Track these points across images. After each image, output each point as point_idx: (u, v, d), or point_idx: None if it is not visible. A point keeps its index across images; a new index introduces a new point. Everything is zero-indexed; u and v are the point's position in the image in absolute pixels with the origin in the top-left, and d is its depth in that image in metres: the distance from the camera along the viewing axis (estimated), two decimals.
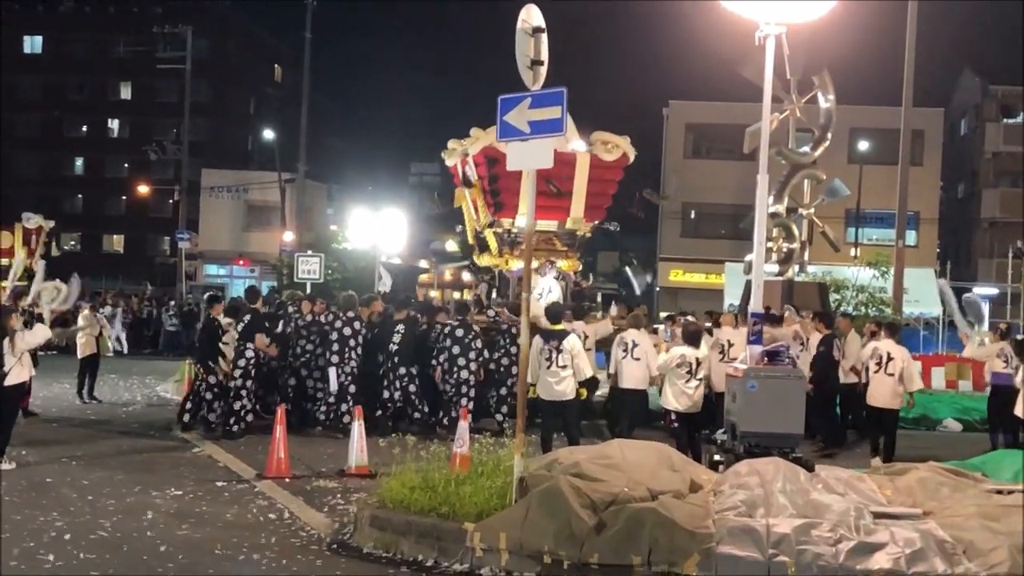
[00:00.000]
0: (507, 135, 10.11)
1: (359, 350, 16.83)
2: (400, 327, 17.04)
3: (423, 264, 54.40)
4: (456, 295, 53.98)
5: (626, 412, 15.23)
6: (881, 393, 15.38)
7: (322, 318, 17.33)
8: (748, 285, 16.78)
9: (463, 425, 12.34)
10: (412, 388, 16.94)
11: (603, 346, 18.05)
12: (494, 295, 21.06)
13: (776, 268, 21.81)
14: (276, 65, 77.28)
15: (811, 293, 21.95)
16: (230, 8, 73.94)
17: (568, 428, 14.02)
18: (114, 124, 75.09)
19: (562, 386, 13.69)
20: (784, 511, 8.87)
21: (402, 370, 16.91)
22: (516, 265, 19.97)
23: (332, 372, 16.69)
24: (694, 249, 48.29)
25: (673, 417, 14.27)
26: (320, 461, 13.87)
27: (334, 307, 17.51)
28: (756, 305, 12.31)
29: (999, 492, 10.60)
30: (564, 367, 13.67)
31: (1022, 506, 9.08)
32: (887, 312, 26.77)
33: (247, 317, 16.83)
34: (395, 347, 16.93)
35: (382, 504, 9.89)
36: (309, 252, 28.27)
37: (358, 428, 13.04)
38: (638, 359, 15.05)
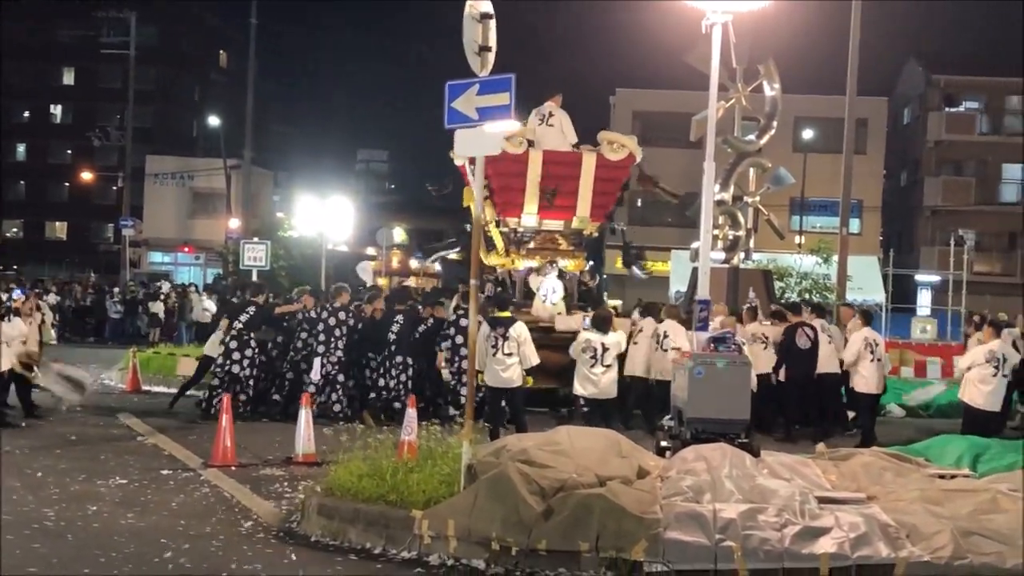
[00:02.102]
0: (455, 122, 10.08)
1: (344, 340, 16.91)
2: (399, 317, 17.14)
3: (370, 251, 54.18)
4: (405, 283, 53.83)
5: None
6: (877, 379, 15.80)
7: (313, 313, 17.33)
8: (694, 272, 16.94)
9: (411, 413, 12.33)
10: (403, 378, 16.93)
11: None
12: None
13: (722, 256, 21.96)
14: (222, 51, 76.61)
15: (756, 280, 22.14)
16: None
17: (515, 415, 14.06)
18: (57, 110, 74.18)
19: (508, 373, 13.74)
20: (731, 496, 8.94)
21: (399, 358, 16.95)
22: (522, 264, 19.99)
23: (317, 361, 16.72)
24: (640, 237, 48.43)
25: (581, 403, 14.38)
26: (267, 449, 13.81)
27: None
28: (703, 292, 12.40)
29: (942, 477, 10.76)
30: (510, 354, 13.72)
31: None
32: (831, 299, 27.03)
33: (251, 309, 17.17)
34: (393, 336, 17.02)
35: (330, 492, 9.86)
36: (255, 239, 28.05)
37: (305, 416, 13.00)
38: (666, 350, 15.88)
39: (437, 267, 54.78)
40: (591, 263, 21.47)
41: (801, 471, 10.10)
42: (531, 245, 19.84)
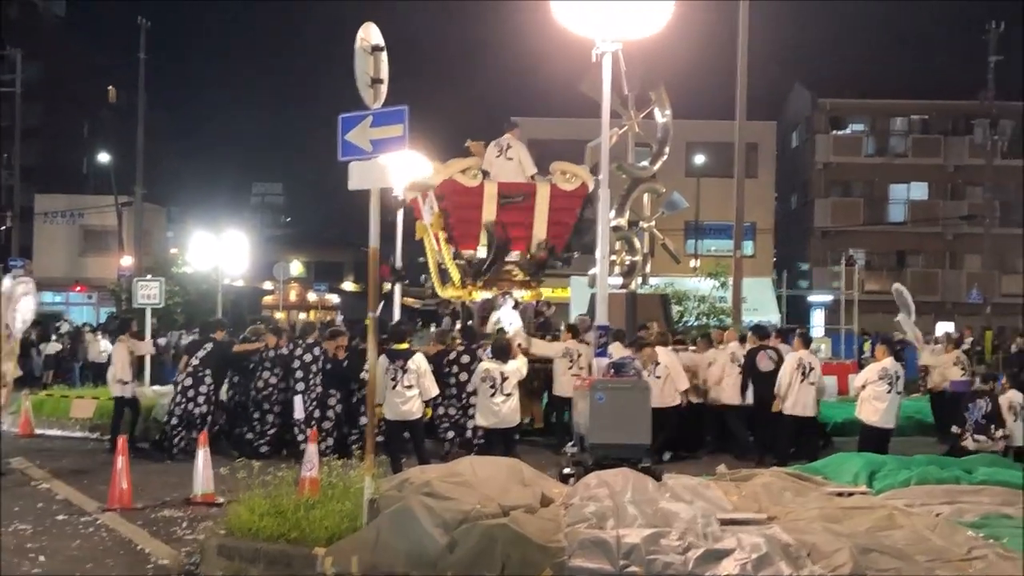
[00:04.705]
0: (349, 154, 10.03)
1: (319, 376, 16.65)
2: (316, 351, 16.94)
3: (267, 285, 53.70)
4: (302, 316, 53.49)
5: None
6: (808, 402, 15.93)
7: (284, 350, 17.04)
8: (593, 298, 17.03)
9: (311, 448, 12.19)
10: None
11: None
12: (457, 326, 20.70)
13: (620, 281, 22.09)
14: (111, 86, 75.46)
15: (654, 305, 22.31)
16: (62, 29, 72.02)
17: (417, 447, 13.98)
18: None
19: (408, 406, 13.66)
20: (634, 521, 8.97)
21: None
22: (479, 296, 19.93)
23: (298, 400, 16.43)
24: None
25: (480, 433, 14.38)
26: (165, 490, 13.54)
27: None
28: (601, 318, 12.46)
29: (840, 494, 10.93)
30: (410, 387, 13.64)
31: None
32: (727, 321, 27.33)
33: (208, 346, 17.01)
34: (366, 374, 16.74)
35: (229, 532, 9.70)
36: (148, 276, 27.58)
37: (203, 456, 12.79)
38: (658, 377, 16.09)
39: (336, 299, 54.31)
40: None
41: (703, 493, 10.18)
42: (487, 277, 19.91)
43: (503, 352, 14.45)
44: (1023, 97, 47.41)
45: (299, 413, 16.39)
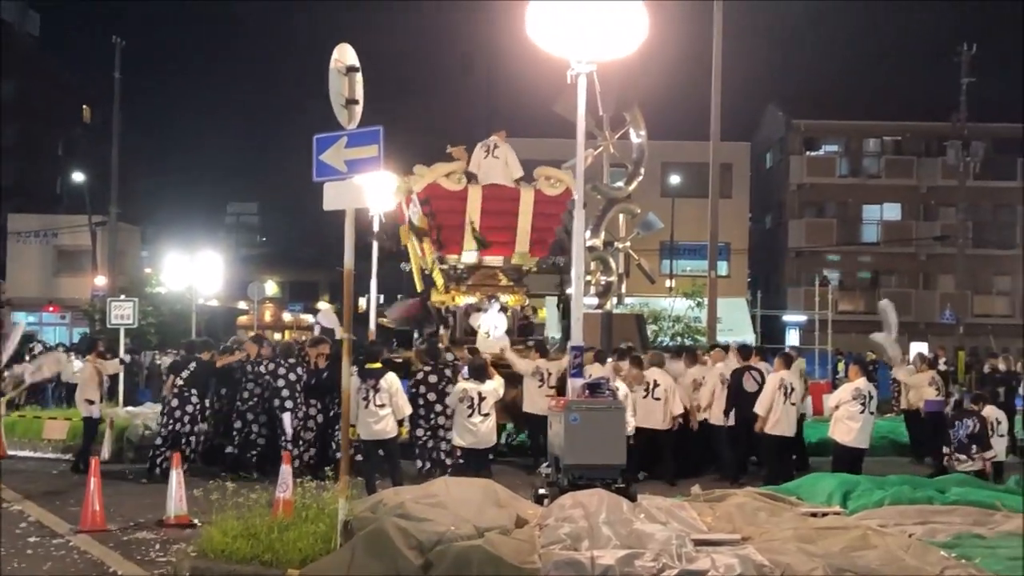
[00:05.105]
0: (324, 174, 10.03)
1: (303, 395, 16.57)
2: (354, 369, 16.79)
3: (241, 305, 53.53)
4: (277, 336, 53.25)
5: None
6: (789, 422, 15.92)
7: (263, 368, 16.84)
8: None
9: (286, 469, 12.13)
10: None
11: None
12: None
13: (595, 301, 22.14)
14: (85, 106, 75.20)
15: (629, 325, 22.36)
16: (36, 49, 71.76)
17: (391, 468, 13.94)
18: None
19: (380, 425, 13.62)
20: (608, 542, 8.97)
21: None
22: (463, 301, 19.97)
23: (287, 418, 16.32)
24: None
25: (459, 454, 14.35)
26: (138, 512, 13.43)
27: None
28: (576, 338, 12.46)
29: (814, 515, 10.96)
30: (382, 406, 13.61)
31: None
32: (703, 341, 27.38)
33: (192, 365, 16.88)
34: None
35: (202, 554, 9.66)
36: (122, 296, 27.46)
37: (176, 476, 12.71)
38: (658, 398, 16.13)
39: (311, 319, 54.16)
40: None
41: (677, 514, 10.19)
42: (470, 281, 19.94)
43: (480, 372, 14.44)
44: (995, 119, 47.83)
45: (288, 431, 16.32)
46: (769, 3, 54.45)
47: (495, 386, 14.44)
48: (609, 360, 17.03)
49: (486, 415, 14.10)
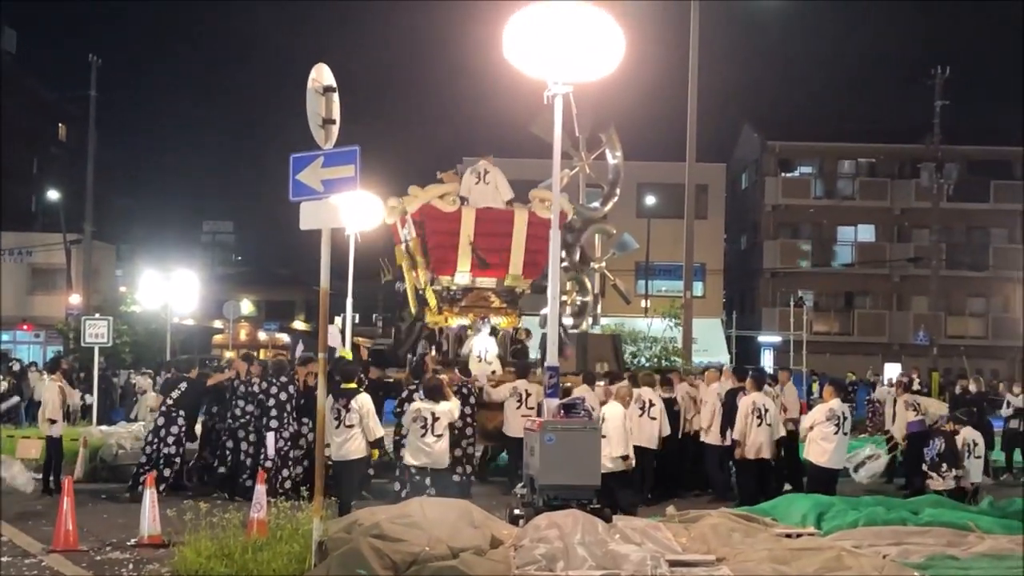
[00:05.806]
0: (300, 194, 10.03)
1: (295, 413, 16.44)
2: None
3: (217, 324, 53.36)
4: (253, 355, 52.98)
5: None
6: (767, 444, 15.74)
7: (255, 387, 16.75)
8: (544, 338, 17.06)
9: (260, 489, 12.08)
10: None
11: None
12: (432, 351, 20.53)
13: (571, 321, 22.15)
14: (60, 123, 74.94)
15: (605, 345, 22.36)
16: (11, 66, 71.48)
17: (347, 488, 13.84)
18: None
19: (348, 445, 13.52)
20: (584, 563, 8.97)
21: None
22: (455, 322, 19.93)
23: (270, 437, 16.21)
24: None
25: (413, 471, 14.30)
26: (111, 531, 13.35)
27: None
28: (552, 359, 12.48)
29: (788, 536, 10.98)
30: (352, 426, 13.53)
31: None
32: (679, 362, 27.43)
33: (183, 385, 16.86)
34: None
35: (175, 574, 9.61)
36: (97, 315, 27.38)
37: (150, 496, 12.64)
38: (654, 418, 16.14)
39: (287, 339, 54.00)
40: None
41: (652, 535, 10.20)
42: (463, 303, 19.92)
43: (436, 392, 14.35)
44: (969, 141, 48.20)
45: (271, 450, 16.25)
46: (745, 26, 54.79)
47: (450, 407, 14.36)
48: (599, 383, 17.00)
49: (439, 436, 13.99)
